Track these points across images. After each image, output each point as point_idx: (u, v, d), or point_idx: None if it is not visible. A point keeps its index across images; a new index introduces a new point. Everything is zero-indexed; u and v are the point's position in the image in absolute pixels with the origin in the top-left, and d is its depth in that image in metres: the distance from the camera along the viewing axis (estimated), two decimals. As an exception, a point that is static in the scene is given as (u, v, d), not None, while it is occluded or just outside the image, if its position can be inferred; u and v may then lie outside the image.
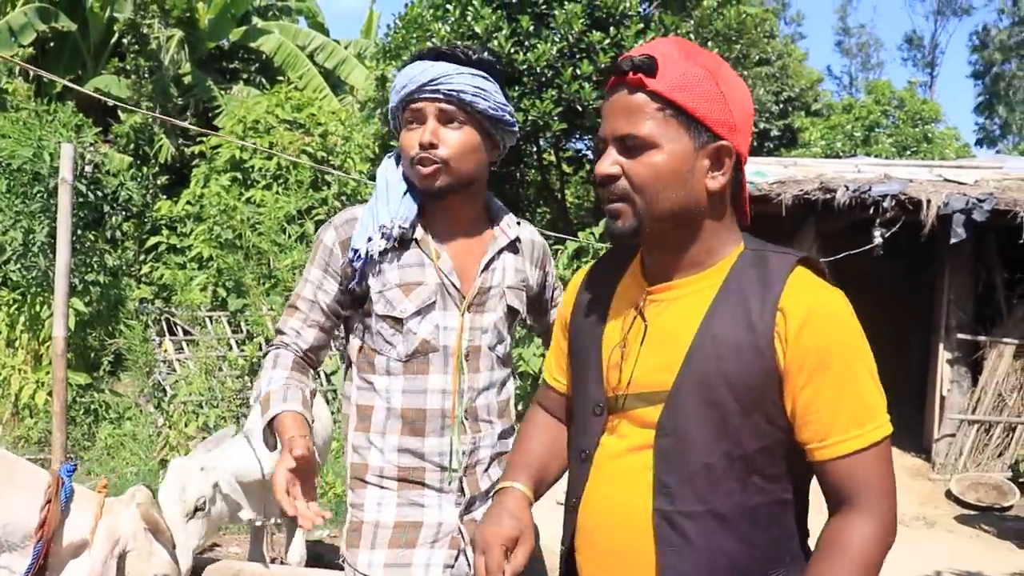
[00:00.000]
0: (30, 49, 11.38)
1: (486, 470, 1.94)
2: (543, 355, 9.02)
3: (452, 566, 1.87)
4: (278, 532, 4.83)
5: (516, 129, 1.98)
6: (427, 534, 1.88)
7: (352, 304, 1.93)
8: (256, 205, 9.83)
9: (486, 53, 1.96)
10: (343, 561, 1.95)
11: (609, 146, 1.41)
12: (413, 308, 1.87)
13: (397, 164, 1.98)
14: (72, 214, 7.96)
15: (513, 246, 2.01)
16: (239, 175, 10.18)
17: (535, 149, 11.11)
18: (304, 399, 1.86)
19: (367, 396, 1.93)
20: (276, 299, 9.14)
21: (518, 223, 2.07)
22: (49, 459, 4.78)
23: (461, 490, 1.91)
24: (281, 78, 12.94)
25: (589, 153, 11.54)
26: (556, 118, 9.11)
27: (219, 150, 10.47)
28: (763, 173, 8.68)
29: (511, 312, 2.00)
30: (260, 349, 8.42)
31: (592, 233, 9.19)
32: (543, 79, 9.24)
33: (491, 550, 1.45)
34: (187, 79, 12.95)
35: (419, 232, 1.91)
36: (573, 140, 11.06)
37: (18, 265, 7.82)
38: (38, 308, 7.56)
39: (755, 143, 16.24)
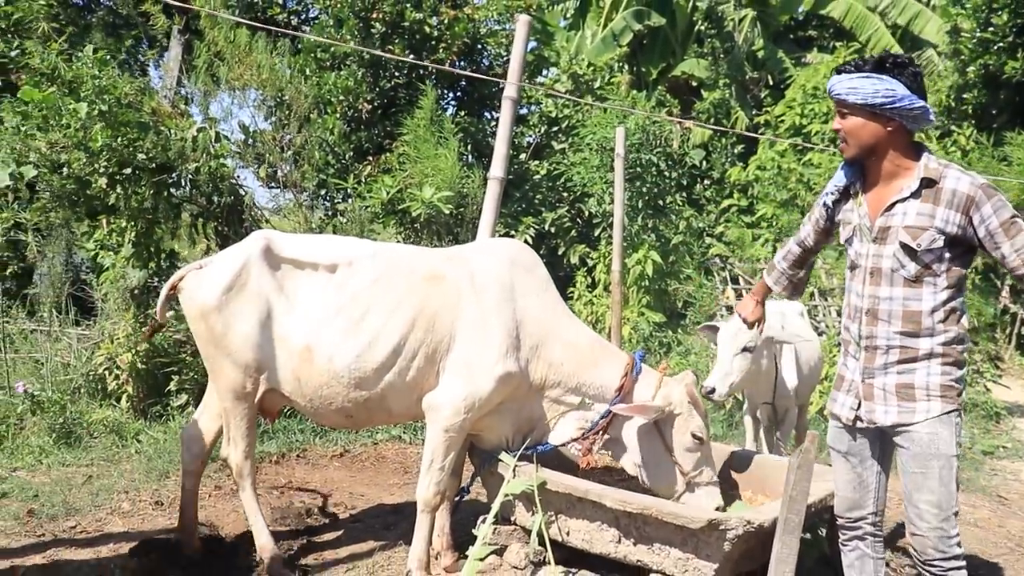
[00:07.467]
0: (626, 48, 13.45)
1: (884, 353, 2.84)
2: None
3: (855, 408, 2.92)
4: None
5: (904, 103, 2.69)
6: (845, 385, 3.01)
7: (827, 233, 3.18)
8: (815, 167, 10.47)
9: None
10: None
11: None
12: (845, 237, 3.00)
13: None
14: (661, 182, 9.58)
15: (919, 193, 2.73)
16: (800, 140, 10.91)
17: None
18: (776, 277, 3.43)
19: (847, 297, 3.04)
20: (830, 254, 9.70)
21: (936, 176, 2.72)
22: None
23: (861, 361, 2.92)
24: (855, 42, 13.21)
25: None
26: None
27: (783, 118, 11.30)
28: None
29: (903, 246, 2.75)
30: (811, 298, 9.13)
31: None
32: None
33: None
34: (760, 54, 13.95)
35: (857, 186, 2.94)
36: None
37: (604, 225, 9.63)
38: (626, 260, 9.22)
39: None
